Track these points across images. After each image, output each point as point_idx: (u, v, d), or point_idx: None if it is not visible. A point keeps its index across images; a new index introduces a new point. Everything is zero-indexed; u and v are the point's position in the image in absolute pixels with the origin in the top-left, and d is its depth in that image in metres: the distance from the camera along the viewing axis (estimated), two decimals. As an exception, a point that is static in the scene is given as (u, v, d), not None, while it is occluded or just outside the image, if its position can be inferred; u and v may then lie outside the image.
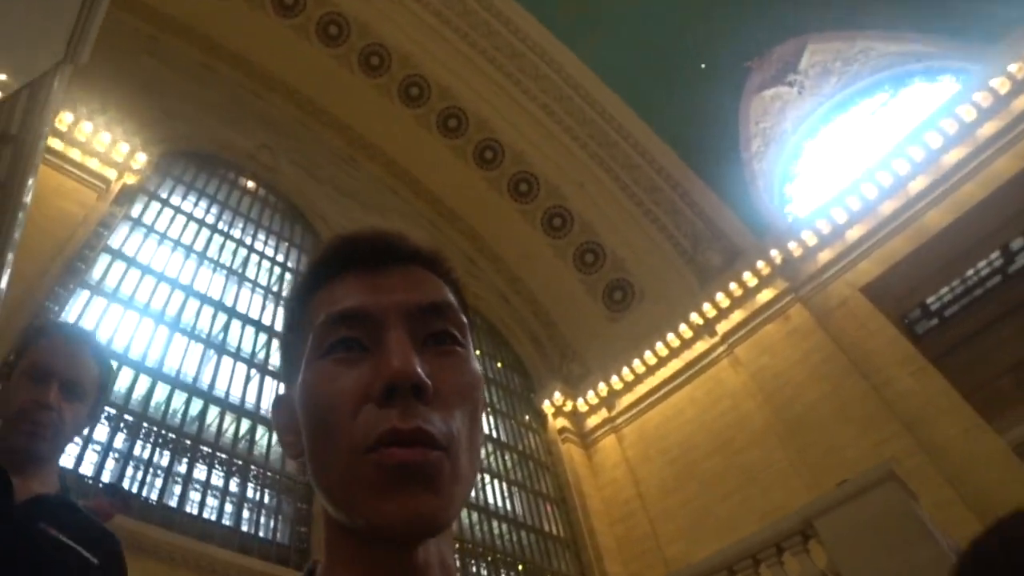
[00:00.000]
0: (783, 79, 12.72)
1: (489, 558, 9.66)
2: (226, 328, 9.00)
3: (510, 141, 13.91)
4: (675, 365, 12.02)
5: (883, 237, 10.32)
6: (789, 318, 10.73)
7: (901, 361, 9.34)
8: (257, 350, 9.18)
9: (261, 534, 7.37)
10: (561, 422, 12.59)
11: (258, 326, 9.45)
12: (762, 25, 12.42)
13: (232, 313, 9.24)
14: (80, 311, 7.59)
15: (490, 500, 10.96)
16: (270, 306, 9.98)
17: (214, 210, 10.61)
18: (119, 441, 6.83)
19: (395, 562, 0.56)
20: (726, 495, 10.06)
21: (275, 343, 9.58)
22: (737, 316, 11.41)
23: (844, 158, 12.11)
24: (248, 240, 10.59)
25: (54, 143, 8.31)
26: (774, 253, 11.37)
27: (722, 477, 10.25)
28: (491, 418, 12.28)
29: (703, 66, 12.79)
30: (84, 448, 6.42)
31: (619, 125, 13.10)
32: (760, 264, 11.45)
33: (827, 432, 9.43)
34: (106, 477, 6.41)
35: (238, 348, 8.91)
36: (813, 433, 9.58)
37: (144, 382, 7.52)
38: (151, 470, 6.88)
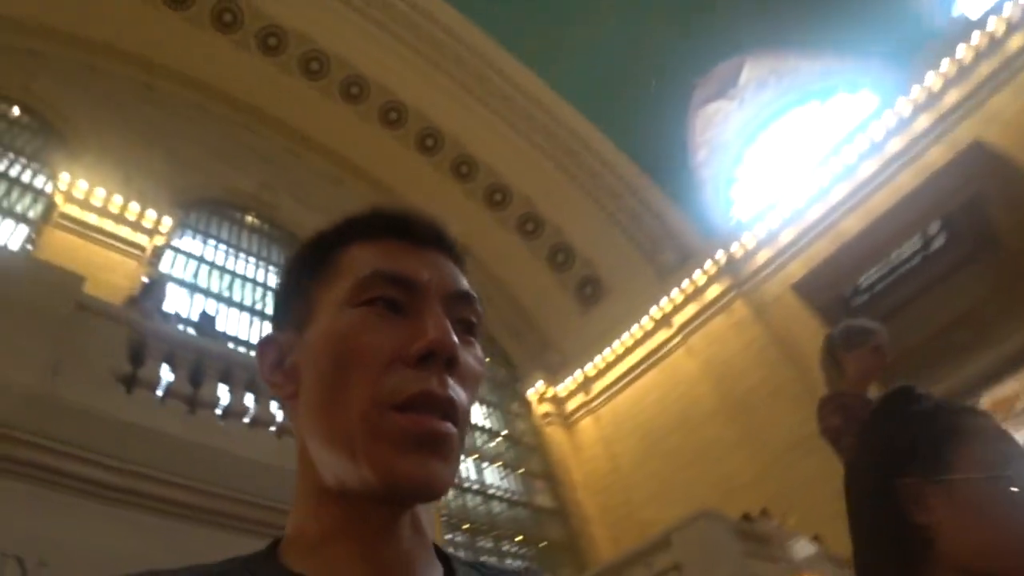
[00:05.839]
0: (724, 94, 14.21)
1: (493, 534, 11.59)
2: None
3: (484, 156, 15.28)
4: (640, 353, 13.86)
5: (808, 241, 12.07)
6: (733, 312, 12.56)
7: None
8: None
9: None
10: (544, 407, 14.44)
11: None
12: (704, 47, 13.81)
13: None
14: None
15: (487, 481, 12.82)
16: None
17: (226, 250, 11.97)
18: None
19: (382, 521, 0.58)
20: (685, 466, 12.04)
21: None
22: (690, 310, 13.22)
23: (778, 165, 13.75)
24: (260, 277, 12.00)
25: (92, 218, 9.63)
26: (720, 253, 13.09)
27: (681, 451, 12.22)
28: (483, 408, 14.09)
29: (653, 85, 14.20)
30: None
31: (583, 140, 14.54)
32: (708, 263, 13.18)
33: (764, 411, 11.37)
34: None
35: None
36: (753, 412, 11.53)
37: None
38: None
